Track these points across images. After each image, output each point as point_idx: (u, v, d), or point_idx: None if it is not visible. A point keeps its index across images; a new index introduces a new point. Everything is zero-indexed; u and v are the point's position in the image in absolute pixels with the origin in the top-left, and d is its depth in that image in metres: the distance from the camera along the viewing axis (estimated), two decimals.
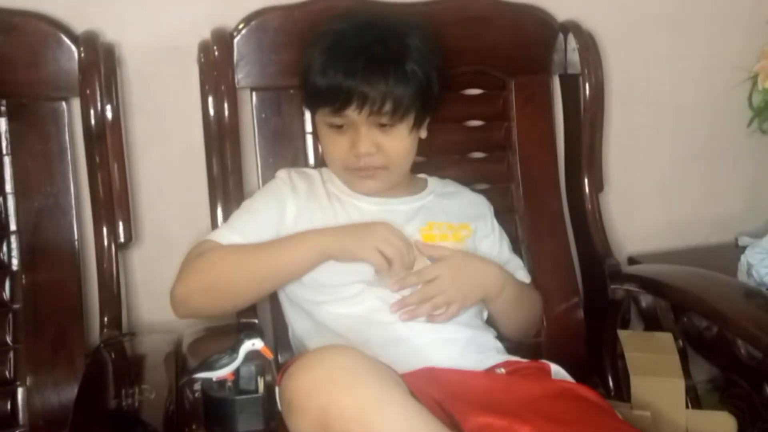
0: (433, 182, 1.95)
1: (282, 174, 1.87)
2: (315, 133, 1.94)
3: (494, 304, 1.84)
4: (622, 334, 1.94)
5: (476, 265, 1.81)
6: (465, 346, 1.73)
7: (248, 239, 1.75)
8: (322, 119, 1.77)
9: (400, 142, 1.77)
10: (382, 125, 1.73)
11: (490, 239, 1.91)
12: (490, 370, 1.71)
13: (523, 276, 1.94)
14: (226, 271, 1.72)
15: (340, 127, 1.75)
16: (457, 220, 1.87)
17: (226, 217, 1.87)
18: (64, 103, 1.86)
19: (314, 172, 1.89)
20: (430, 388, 1.52)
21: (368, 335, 1.69)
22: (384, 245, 1.68)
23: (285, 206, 1.80)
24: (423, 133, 1.84)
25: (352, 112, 1.70)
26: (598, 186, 2.15)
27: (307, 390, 1.35)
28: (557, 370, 1.75)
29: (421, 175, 1.96)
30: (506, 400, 1.53)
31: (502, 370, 1.71)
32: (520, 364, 1.75)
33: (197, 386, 1.52)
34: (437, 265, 1.76)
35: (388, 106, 1.70)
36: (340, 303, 1.74)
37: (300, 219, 1.79)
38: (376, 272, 1.71)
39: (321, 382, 1.34)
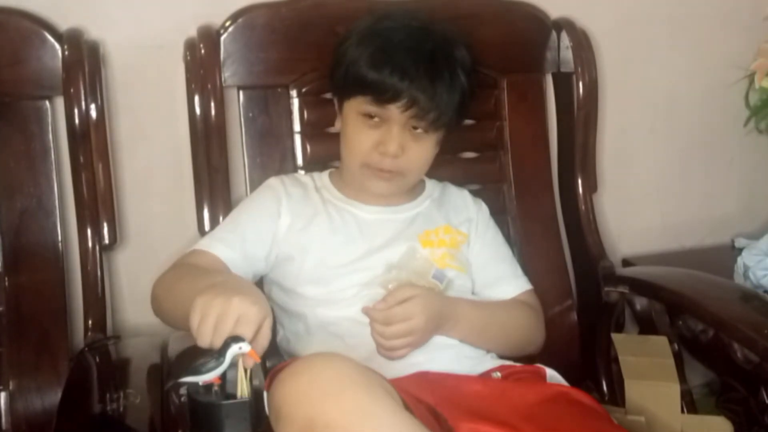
0: (431, 186, 1.93)
1: (274, 182, 1.85)
2: (303, 133, 1.94)
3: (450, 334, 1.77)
4: (616, 337, 1.93)
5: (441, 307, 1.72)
6: (458, 351, 1.72)
7: (235, 249, 1.73)
8: (356, 108, 1.74)
9: (425, 150, 1.77)
10: (416, 130, 1.73)
11: (478, 245, 1.89)
12: (486, 375, 1.70)
13: (514, 288, 1.89)
14: (164, 291, 1.67)
15: (372, 120, 1.73)
16: (453, 226, 1.86)
17: (212, 218, 1.87)
18: (47, 102, 1.85)
19: (307, 179, 1.88)
20: (424, 393, 1.51)
21: (362, 338, 1.67)
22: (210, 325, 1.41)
23: (277, 218, 1.78)
24: (437, 148, 1.82)
25: (395, 108, 1.69)
26: (591, 186, 2.14)
27: (295, 399, 1.33)
28: (552, 375, 1.74)
29: None
30: (501, 407, 1.52)
31: (498, 374, 1.70)
32: (516, 368, 1.74)
33: (183, 391, 1.49)
34: (413, 304, 1.64)
35: (432, 115, 1.70)
36: (334, 305, 1.72)
37: (294, 226, 1.78)
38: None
39: (308, 391, 1.32)
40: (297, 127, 1.94)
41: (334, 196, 1.83)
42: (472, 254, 1.86)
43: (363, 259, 1.74)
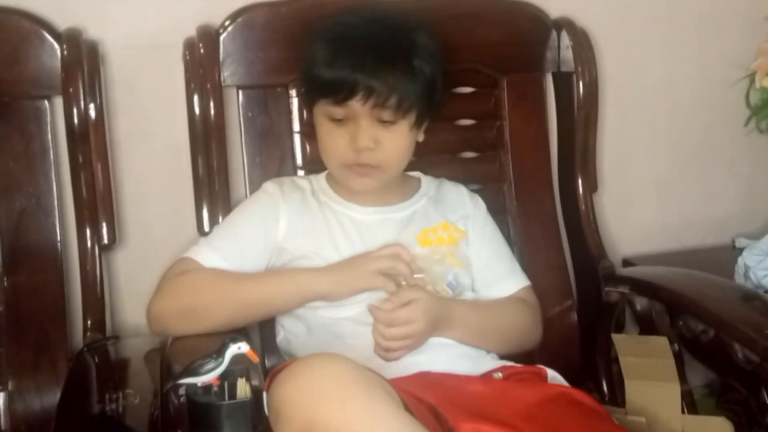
0: (427, 182, 1.92)
1: (271, 188, 1.84)
2: (303, 132, 1.94)
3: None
4: (616, 337, 1.92)
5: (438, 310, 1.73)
6: (459, 352, 1.73)
7: (229, 261, 1.74)
8: (322, 111, 1.75)
9: (399, 139, 1.74)
10: (383, 121, 1.71)
11: (477, 244, 1.88)
12: (487, 375, 1.70)
13: (512, 285, 1.89)
14: (205, 299, 1.70)
15: (340, 120, 1.72)
16: (452, 223, 1.85)
17: (211, 217, 1.87)
18: (46, 102, 1.84)
19: (304, 182, 1.87)
20: (425, 393, 1.51)
21: (363, 338, 1.67)
22: (381, 263, 1.66)
23: (275, 224, 1.78)
24: (420, 137, 1.82)
25: (355, 103, 1.68)
26: (592, 186, 2.13)
27: (294, 399, 1.33)
28: (553, 375, 1.74)
29: (416, 174, 1.94)
30: (502, 407, 1.52)
31: (499, 375, 1.70)
32: (517, 368, 1.74)
33: (182, 391, 1.49)
34: (415, 309, 1.66)
35: (393, 100, 1.68)
36: (335, 307, 1.72)
37: (293, 231, 1.77)
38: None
39: (308, 392, 1.32)
40: (296, 126, 1.94)
41: (331, 199, 1.82)
42: (472, 253, 1.85)
43: None
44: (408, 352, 1.66)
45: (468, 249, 1.86)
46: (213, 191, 1.87)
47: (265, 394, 1.45)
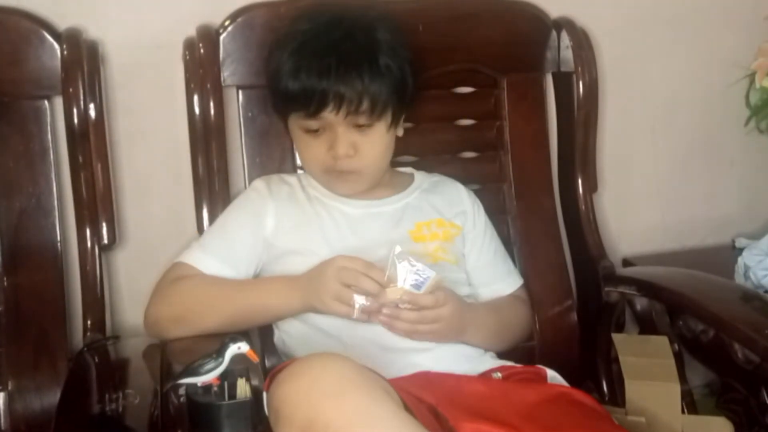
0: (420, 177, 1.92)
1: (259, 185, 1.84)
2: None
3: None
4: (616, 337, 1.92)
5: (465, 311, 1.74)
6: (456, 352, 1.72)
7: (223, 262, 1.74)
8: (297, 124, 1.74)
9: (378, 141, 1.74)
10: (360, 126, 1.70)
11: (477, 246, 1.88)
12: (487, 374, 1.70)
13: (509, 285, 1.91)
14: (197, 307, 1.70)
15: (315, 130, 1.72)
16: (447, 219, 1.85)
17: (211, 218, 1.86)
18: (46, 102, 1.84)
19: (293, 179, 1.86)
20: (425, 393, 1.51)
21: (359, 337, 1.67)
22: (341, 292, 1.60)
23: (263, 221, 1.77)
24: (400, 131, 1.81)
25: (328, 114, 1.67)
26: (592, 186, 2.13)
27: (294, 399, 1.33)
28: (553, 375, 1.74)
29: (407, 169, 1.94)
30: (502, 407, 1.52)
31: (499, 375, 1.70)
32: (516, 368, 1.74)
33: (182, 391, 1.49)
34: (450, 299, 1.68)
35: (365, 105, 1.67)
36: None
37: (282, 227, 1.77)
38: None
39: (308, 392, 1.32)
40: None
41: (321, 194, 1.81)
42: (473, 252, 1.86)
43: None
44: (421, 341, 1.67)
45: (464, 245, 1.86)
46: (213, 191, 1.87)
47: (265, 394, 1.45)
